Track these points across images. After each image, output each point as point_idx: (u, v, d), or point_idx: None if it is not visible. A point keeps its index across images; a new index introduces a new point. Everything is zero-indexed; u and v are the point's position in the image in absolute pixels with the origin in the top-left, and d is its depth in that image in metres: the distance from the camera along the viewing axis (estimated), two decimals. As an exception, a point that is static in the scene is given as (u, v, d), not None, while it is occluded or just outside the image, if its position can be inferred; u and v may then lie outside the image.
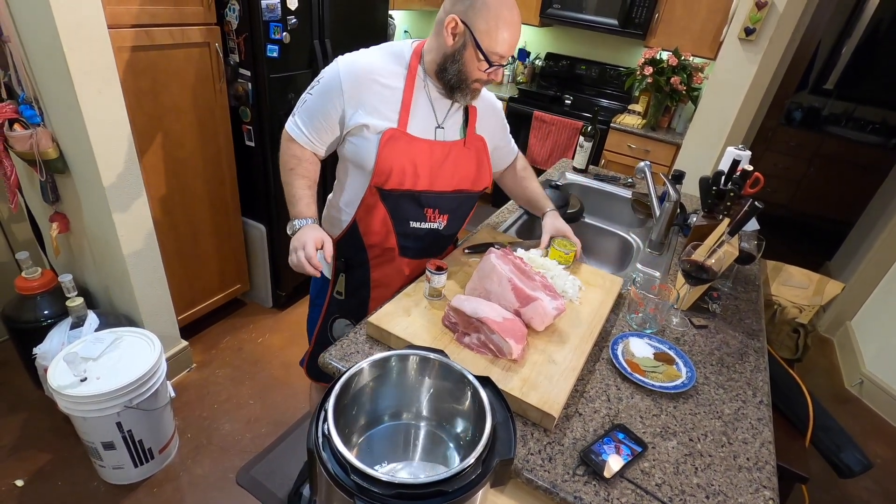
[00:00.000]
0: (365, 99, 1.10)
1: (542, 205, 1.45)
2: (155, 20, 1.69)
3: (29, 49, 1.52)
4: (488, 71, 1.08)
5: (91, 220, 1.78)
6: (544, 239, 1.36)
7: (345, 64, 1.10)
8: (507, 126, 1.41)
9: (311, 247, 1.09)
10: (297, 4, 1.99)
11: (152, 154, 1.86)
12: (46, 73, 1.53)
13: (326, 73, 1.12)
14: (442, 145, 1.18)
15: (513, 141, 1.46)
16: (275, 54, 1.99)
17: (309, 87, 1.15)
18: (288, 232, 1.18)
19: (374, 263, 1.29)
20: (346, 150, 1.18)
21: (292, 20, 2.00)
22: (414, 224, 1.23)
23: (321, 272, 1.11)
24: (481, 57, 1.05)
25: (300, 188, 1.18)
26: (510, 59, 1.07)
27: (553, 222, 1.39)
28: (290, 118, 1.18)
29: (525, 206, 1.54)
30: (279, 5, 1.93)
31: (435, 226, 1.26)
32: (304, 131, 1.16)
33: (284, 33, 1.99)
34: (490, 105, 1.31)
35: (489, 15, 1.02)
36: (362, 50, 1.14)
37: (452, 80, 1.09)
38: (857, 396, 2.60)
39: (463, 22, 1.04)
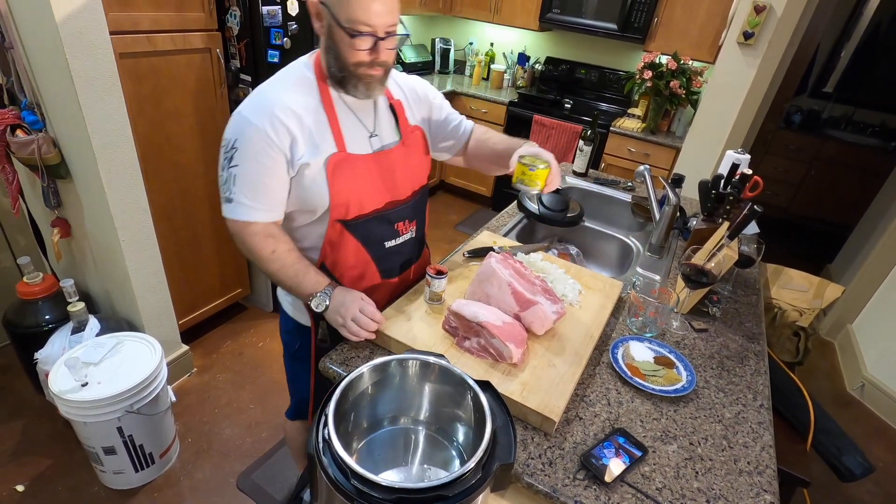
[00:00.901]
0: (296, 135, 0.96)
1: (515, 144, 1.19)
2: (156, 26, 1.70)
3: (31, 55, 1.53)
4: (362, 48, 0.92)
5: (92, 225, 1.79)
6: (513, 158, 1.09)
7: (252, 113, 0.95)
8: (447, 103, 1.26)
9: (363, 305, 1.02)
10: (297, 10, 2.00)
11: (154, 159, 1.86)
12: (48, 79, 1.54)
13: (237, 134, 0.95)
14: (386, 154, 1.07)
15: (462, 116, 1.29)
16: (276, 60, 2.00)
17: (225, 163, 0.97)
18: (317, 309, 1.04)
19: None
20: (290, 198, 1.03)
21: (293, 26, 2.01)
22: (389, 243, 1.14)
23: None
24: (342, 30, 0.90)
25: (296, 261, 1.04)
26: (401, 29, 0.97)
27: (525, 146, 1.13)
28: (227, 206, 0.99)
29: (496, 162, 1.23)
30: (280, 11, 1.94)
31: (408, 236, 1.18)
32: (257, 205, 0.98)
33: (285, 39, 2.00)
34: (412, 90, 1.17)
35: None
36: (257, 91, 0.99)
37: (336, 72, 0.97)
38: (859, 399, 2.59)
39: (321, 2, 0.92)
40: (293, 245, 1.06)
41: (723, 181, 1.53)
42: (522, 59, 3.83)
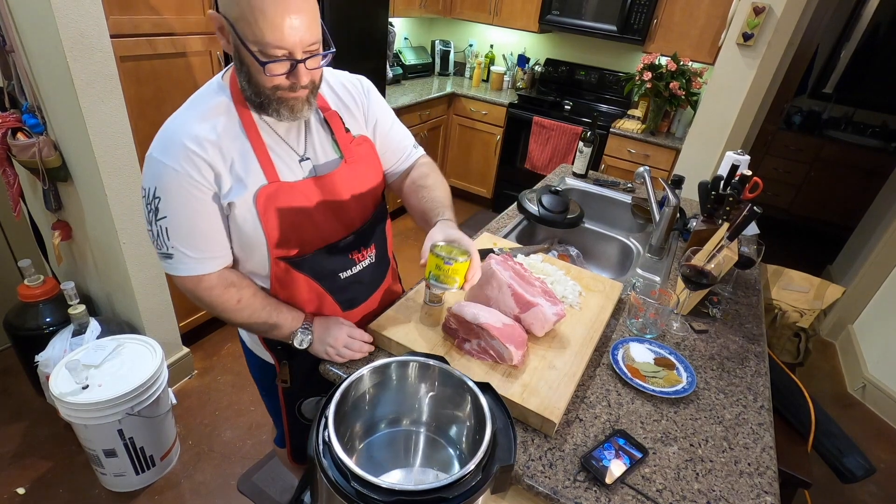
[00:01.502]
0: (219, 169, 0.85)
1: (437, 212, 1.05)
2: (157, 29, 1.71)
3: (32, 58, 1.53)
4: (276, 73, 0.79)
5: (93, 228, 1.79)
6: (425, 247, 0.96)
7: (164, 153, 0.84)
8: (389, 115, 1.08)
9: (350, 330, 1.01)
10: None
11: (154, 162, 1.86)
12: (49, 83, 1.54)
13: (155, 181, 0.84)
14: (328, 177, 0.94)
15: (411, 141, 1.15)
16: (276, 62, 2.00)
17: (151, 216, 0.86)
18: (300, 346, 0.99)
19: None
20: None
21: (293, 28, 2.01)
22: (345, 274, 1.02)
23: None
24: (251, 55, 0.77)
25: (265, 303, 0.95)
26: (324, 49, 0.82)
27: (442, 228, 0.99)
28: (169, 263, 0.88)
29: (421, 218, 1.09)
30: (280, 14, 1.94)
31: (366, 263, 1.05)
32: (201, 254, 0.88)
33: (285, 41, 2.00)
34: (348, 94, 1.01)
35: None
36: (166, 125, 0.90)
37: (252, 97, 0.84)
38: (860, 400, 2.59)
39: (224, 17, 0.77)
40: (256, 286, 0.96)
41: (723, 182, 1.53)
42: (522, 60, 3.84)
